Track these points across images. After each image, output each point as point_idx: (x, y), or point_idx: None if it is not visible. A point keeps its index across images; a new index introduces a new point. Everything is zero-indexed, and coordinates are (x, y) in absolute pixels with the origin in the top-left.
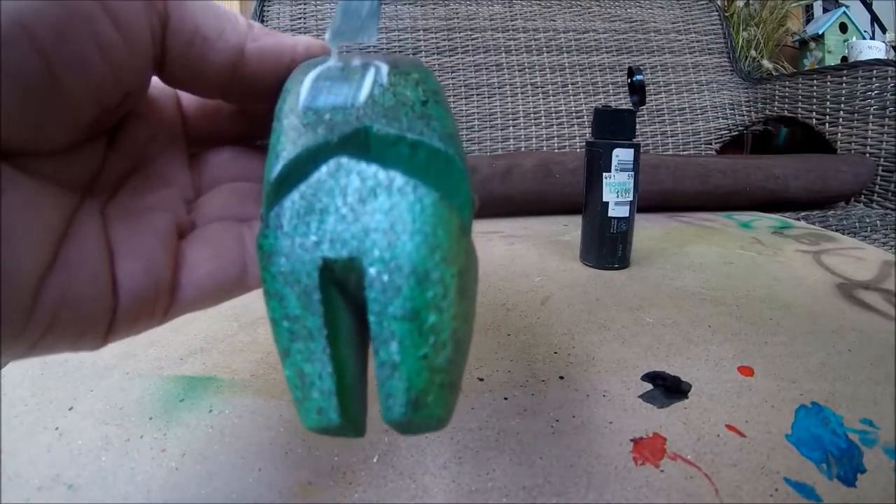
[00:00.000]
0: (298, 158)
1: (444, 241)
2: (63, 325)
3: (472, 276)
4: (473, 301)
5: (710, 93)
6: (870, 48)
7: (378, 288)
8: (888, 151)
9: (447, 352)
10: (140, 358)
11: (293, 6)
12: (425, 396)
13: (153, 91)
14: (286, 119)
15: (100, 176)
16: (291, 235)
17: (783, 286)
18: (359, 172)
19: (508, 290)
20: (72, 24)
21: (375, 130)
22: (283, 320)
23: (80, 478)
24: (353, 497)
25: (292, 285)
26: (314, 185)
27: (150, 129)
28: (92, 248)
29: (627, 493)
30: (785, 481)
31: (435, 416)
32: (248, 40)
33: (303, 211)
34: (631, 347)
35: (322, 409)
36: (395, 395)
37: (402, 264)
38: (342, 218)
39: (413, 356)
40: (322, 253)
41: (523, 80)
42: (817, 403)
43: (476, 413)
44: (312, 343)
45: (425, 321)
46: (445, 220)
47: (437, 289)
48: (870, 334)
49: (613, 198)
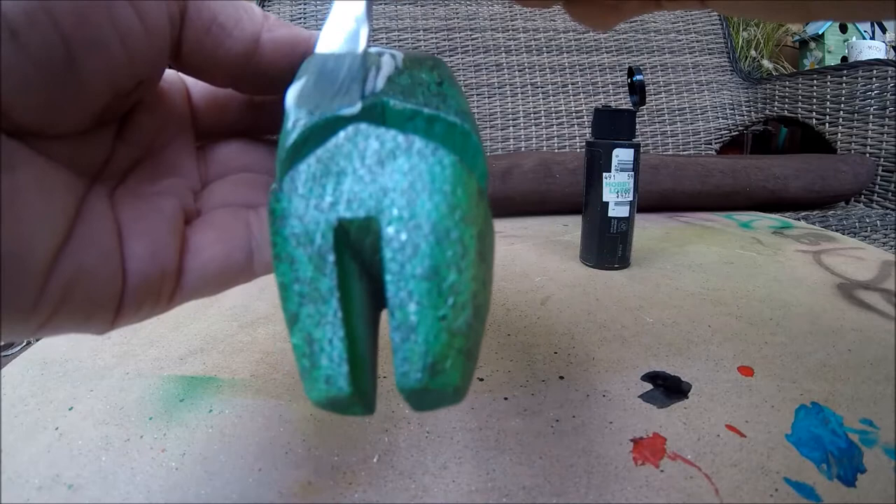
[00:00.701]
0: (315, 126)
1: (464, 201)
2: (73, 304)
3: (489, 243)
4: (491, 269)
5: (710, 93)
6: (870, 48)
7: (396, 247)
8: (888, 151)
9: (467, 315)
10: (140, 358)
11: (293, 6)
12: (443, 361)
13: (163, 82)
14: (301, 96)
15: (109, 163)
16: (306, 197)
17: (783, 286)
18: (378, 136)
19: (508, 290)
20: (93, 9)
21: (392, 105)
22: (293, 284)
23: (80, 478)
24: (353, 497)
25: (305, 246)
26: (331, 149)
27: (159, 119)
28: (102, 228)
29: (627, 493)
30: (785, 481)
31: (452, 385)
32: (263, 30)
33: (319, 173)
34: (631, 347)
35: (331, 377)
36: (411, 360)
37: (421, 223)
38: (359, 179)
39: (432, 317)
40: (338, 213)
41: (523, 80)
42: (817, 403)
43: (476, 413)
44: (324, 306)
45: (445, 280)
46: (465, 181)
47: (457, 248)
48: (870, 334)
49: (613, 198)
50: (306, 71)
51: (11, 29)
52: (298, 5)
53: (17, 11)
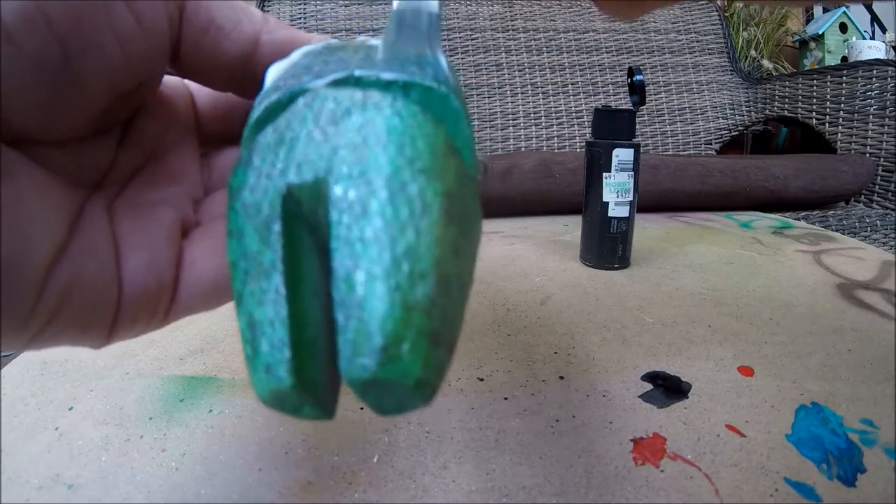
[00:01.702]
0: (280, 101)
1: (426, 153)
2: (69, 315)
3: (466, 209)
4: (469, 240)
5: (710, 93)
6: (870, 48)
7: (343, 207)
8: (888, 151)
9: (428, 285)
10: (140, 358)
11: (293, 6)
12: (397, 344)
13: (167, 88)
14: (274, 76)
15: (110, 171)
16: (258, 167)
17: (783, 286)
18: (334, 97)
19: (508, 290)
20: (89, 11)
21: (365, 76)
22: (240, 260)
23: (80, 478)
24: (353, 497)
25: (253, 218)
26: (288, 116)
27: (162, 125)
28: (99, 239)
29: (627, 493)
30: (785, 481)
31: (412, 377)
32: (263, 32)
33: (273, 142)
34: (631, 347)
35: (270, 366)
36: (357, 342)
37: (372, 178)
38: (312, 142)
39: (382, 288)
40: (286, 179)
41: (523, 80)
42: (817, 403)
43: (476, 413)
44: (266, 281)
45: (398, 242)
46: (428, 133)
47: (416, 204)
48: (870, 334)
49: (613, 198)
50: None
51: (6, 31)
52: (298, 5)
53: (11, 13)
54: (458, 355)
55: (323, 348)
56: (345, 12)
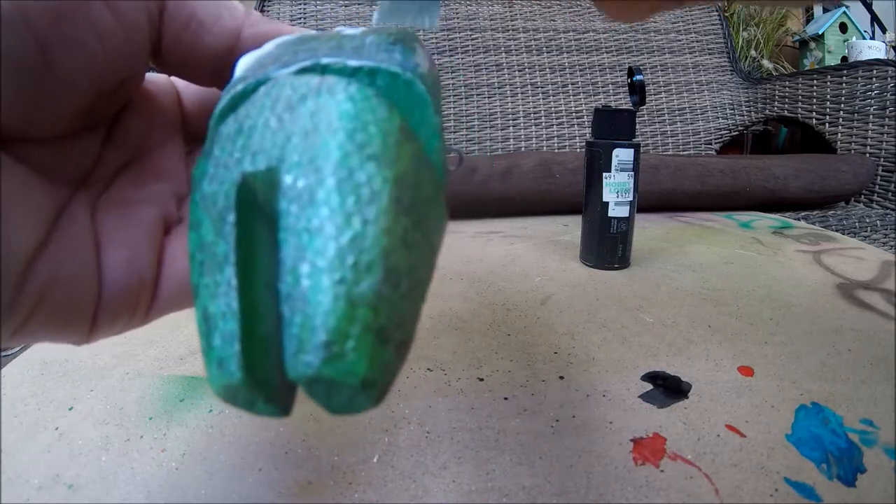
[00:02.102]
0: (245, 91)
1: (377, 138)
2: (48, 313)
3: (423, 196)
4: (426, 231)
5: (710, 93)
6: (870, 48)
7: (292, 196)
8: (888, 151)
9: (374, 278)
10: (140, 358)
11: (293, 6)
12: (342, 341)
13: (153, 85)
14: (243, 67)
15: (95, 168)
16: (218, 157)
17: (783, 286)
18: (291, 83)
19: (508, 290)
20: (68, 10)
21: (332, 64)
22: (196, 251)
23: (80, 478)
24: (353, 497)
25: (210, 209)
26: (248, 105)
27: (148, 122)
28: (80, 238)
29: (627, 493)
30: (785, 481)
31: (357, 375)
32: (245, 26)
33: (233, 132)
34: (631, 347)
35: (222, 360)
36: (300, 337)
37: (320, 165)
38: (268, 129)
39: (326, 281)
40: (242, 168)
41: (523, 80)
42: (817, 403)
43: (476, 413)
44: (219, 274)
45: (344, 232)
46: (381, 117)
47: (363, 192)
48: (870, 334)
49: (613, 198)
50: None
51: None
52: (298, 5)
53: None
54: (458, 355)
55: (277, 344)
56: (345, 12)
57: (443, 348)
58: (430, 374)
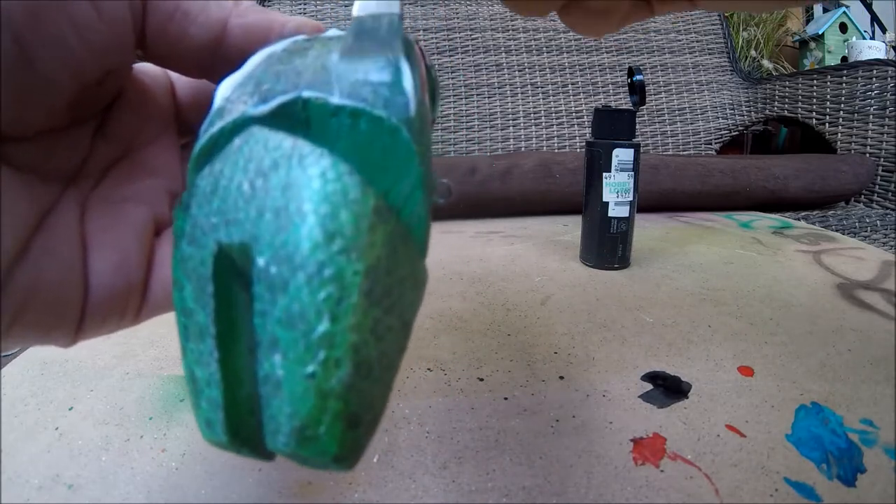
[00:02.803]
0: (222, 132)
1: (349, 226)
2: (31, 317)
3: (398, 277)
4: (401, 316)
5: (710, 93)
6: (870, 48)
7: (264, 282)
8: (888, 151)
9: (343, 373)
10: (140, 358)
11: (293, 6)
12: (314, 427)
13: (147, 77)
14: (224, 94)
15: (86, 162)
16: (195, 217)
17: (783, 286)
18: (265, 142)
19: (508, 290)
20: (46, 7)
21: (313, 99)
22: (180, 314)
23: (80, 478)
24: (353, 497)
25: (190, 274)
26: (223, 158)
27: (140, 116)
28: (66, 241)
29: (627, 493)
30: (785, 481)
31: (329, 454)
32: (232, 16)
33: (209, 189)
34: (631, 347)
35: (210, 421)
36: (277, 419)
37: (291, 253)
38: (242, 195)
39: (298, 374)
40: (217, 237)
41: (523, 80)
42: (817, 403)
43: (476, 413)
44: (202, 343)
45: (313, 330)
46: (354, 199)
47: (332, 288)
48: (870, 334)
49: (613, 198)
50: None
51: None
52: (298, 5)
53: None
54: (458, 355)
55: (259, 402)
56: (345, 12)
57: (443, 348)
58: (430, 374)
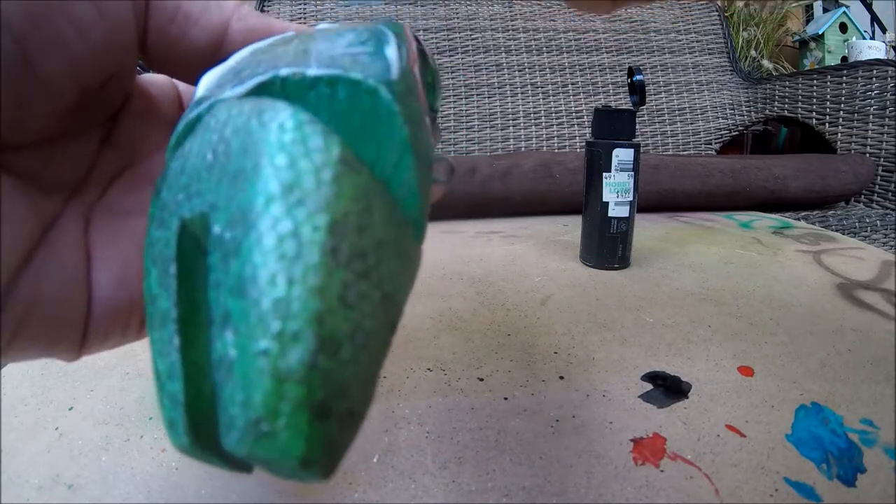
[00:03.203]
0: (198, 116)
1: (308, 176)
2: (33, 332)
3: (382, 242)
4: (380, 285)
5: (710, 93)
6: (870, 48)
7: (219, 251)
8: (888, 151)
9: (304, 349)
10: (140, 358)
11: (293, 6)
12: (271, 419)
13: (153, 86)
14: (205, 84)
15: (91, 174)
16: (165, 199)
17: (783, 286)
18: (229, 110)
19: (508, 290)
20: (47, 8)
21: (290, 75)
22: (147, 302)
23: (80, 478)
24: (353, 497)
25: (156, 258)
26: (192, 138)
27: (147, 124)
28: (69, 254)
29: (627, 493)
30: (785, 481)
31: (293, 455)
32: (233, 19)
33: (178, 170)
34: (631, 347)
35: (172, 421)
36: (230, 411)
37: (244, 213)
38: (204, 167)
39: (249, 351)
40: (181, 212)
41: (523, 80)
42: (817, 403)
43: (476, 413)
44: (164, 330)
45: (266, 295)
46: (314, 147)
47: (288, 246)
48: (870, 334)
49: (613, 198)
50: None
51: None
52: (298, 5)
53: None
54: (458, 355)
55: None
56: (345, 12)
57: (443, 348)
58: (430, 374)
